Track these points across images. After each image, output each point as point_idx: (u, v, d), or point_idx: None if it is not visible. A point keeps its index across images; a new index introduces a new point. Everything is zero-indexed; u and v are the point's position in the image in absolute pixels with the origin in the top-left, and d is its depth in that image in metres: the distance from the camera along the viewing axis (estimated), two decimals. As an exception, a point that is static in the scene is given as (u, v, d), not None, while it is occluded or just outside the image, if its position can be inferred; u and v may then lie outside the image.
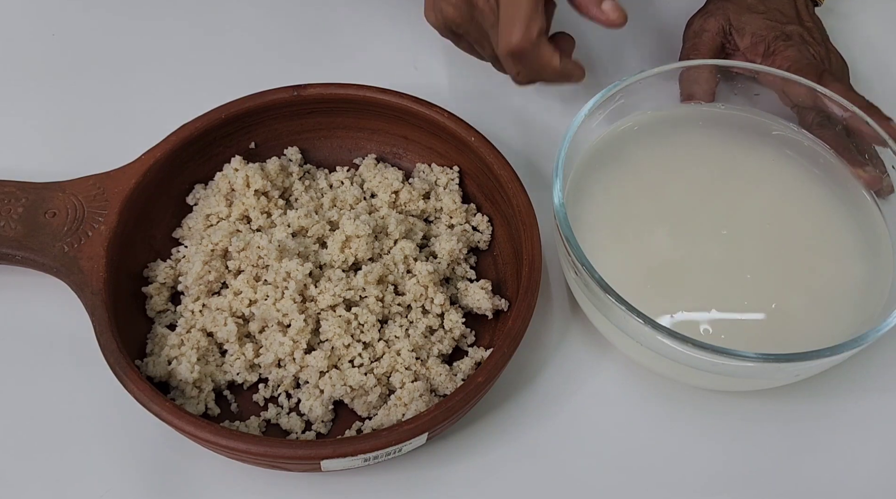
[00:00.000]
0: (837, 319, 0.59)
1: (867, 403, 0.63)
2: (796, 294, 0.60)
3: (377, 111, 0.68)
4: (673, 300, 0.59)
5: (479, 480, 0.60)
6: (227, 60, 0.76)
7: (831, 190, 0.64)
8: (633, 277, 0.60)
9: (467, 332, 0.63)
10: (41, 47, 0.77)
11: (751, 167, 0.65)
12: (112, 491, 0.59)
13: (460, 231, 0.66)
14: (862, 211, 0.64)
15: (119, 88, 0.75)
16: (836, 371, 0.63)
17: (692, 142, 0.66)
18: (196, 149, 0.66)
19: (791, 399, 0.63)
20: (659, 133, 0.66)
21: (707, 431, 0.62)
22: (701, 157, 0.66)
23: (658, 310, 0.59)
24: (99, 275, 0.61)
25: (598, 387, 0.63)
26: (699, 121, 0.67)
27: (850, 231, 0.63)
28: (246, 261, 0.63)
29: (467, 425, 0.61)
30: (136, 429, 0.61)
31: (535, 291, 0.60)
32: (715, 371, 0.57)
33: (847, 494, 0.60)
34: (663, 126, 0.67)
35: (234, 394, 0.62)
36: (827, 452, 0.61)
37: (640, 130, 0.66)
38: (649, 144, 0.66)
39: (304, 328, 0.61)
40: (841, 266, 0.61)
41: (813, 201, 0.64)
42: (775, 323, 0.59)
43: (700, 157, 0.66)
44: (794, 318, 0.59)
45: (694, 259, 0.61)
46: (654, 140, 0.66)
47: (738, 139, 0.66)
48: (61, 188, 0.64)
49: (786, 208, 0.64)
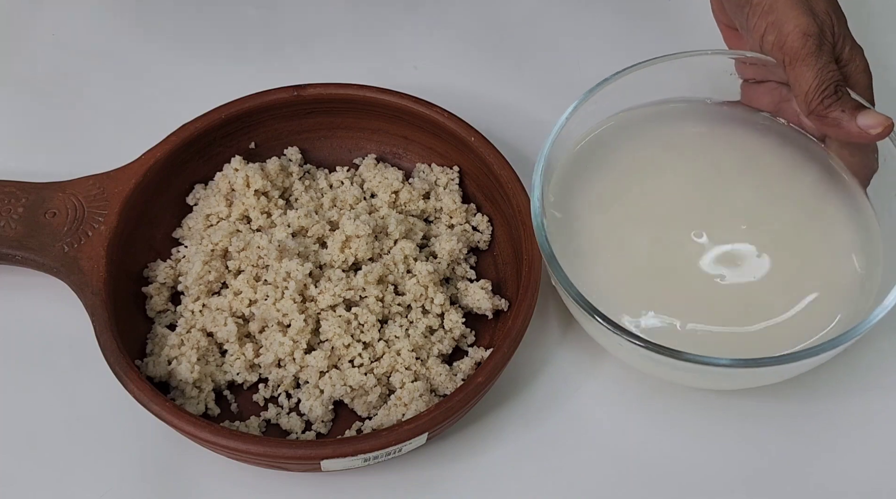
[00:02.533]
0: (828, 316, 0.59)
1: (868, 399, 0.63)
2: (786, 291, 0.60)
3: (377, 111, 0.68)
4: (661, 300, 0.59)
5: (479, 480, 0.60)
6: (227, 60, 0.76)
7: (821, 181, 0.63)
8: (619, 277, 0.60)
9: (467, 332, 0.63)
10: (41, 47, 0.77)
11: (738, 160, 0.64)
12: (112, 491, 0.59)
13: (460, 231, 0.66)
14: (853, 203, 0.63)
15: (119, 88, 0.75)
16: (836, 368, 0.63)
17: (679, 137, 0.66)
18: (196, 149, 0.66)
19: (790, 399, 0.63)
20: (644, 130, 0.66)
21: (707, 432, 0.62)
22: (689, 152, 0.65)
23: (646, 309, 0.59)
24: (99, 275, 0.61)
25: (597, 387, 0.63)
26: (688, 115, 0.66)
27: (841, 224, 0.62)
28: (246, 261, 0.63)
29: (467, 425, 0.61)
30: (136, 429, 0.61)
31: (535, 291, 0.60)
32: (701, 374, 0.57)
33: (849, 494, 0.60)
34: (649, 123, 0.66)
35: (234, 394, 0.62)
36: (830, 451, 0.61)
37: (625, 127, 0.65)
38: (636, 142, 0.65)
39: (304, 328, 0.61)
40: (833, 261, 0.61)
41: (802, 193, 0.63)
42: (763, 321, 0.59)
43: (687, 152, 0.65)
44: (783, 315, 0.59)
45: (680, 258, 0.61)
46: (640, 137, 0.65)
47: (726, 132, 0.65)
48: (61, 188, 0.64)
49: (775, 201, 0.63)
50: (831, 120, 0.59)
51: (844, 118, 0.59)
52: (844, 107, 0.59)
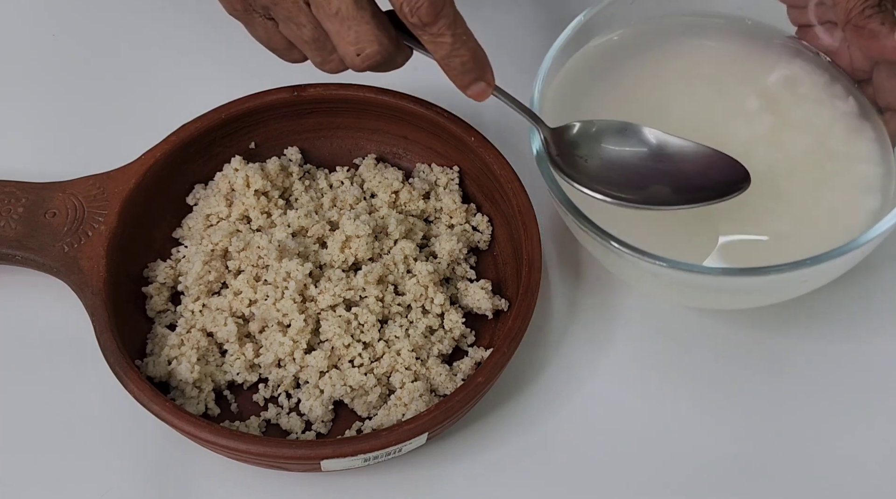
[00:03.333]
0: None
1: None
2: (797, 217, 0.59)
3: (377, 111, 0.68)
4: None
5: (479, 480, 0.60)
6: (227, 60, 0.76)
7: (851, 115, 0.62)
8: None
9: (467, 332, 0.63)
10: (41, 47, 0.77)
11: (752, 80, 0.63)
12: (112, 491, 0.59)
13: (460, 231, 0.66)
14: (880, 140, 0.61)
15: (119, 88, 0.75)
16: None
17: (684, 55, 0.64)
18: (196, 149, 0.66)
19: (796, 390, 0.63)
20: (647, 47, 0.64)
21: (710, 429, 0.62)
22: (694, 72, 0.64)
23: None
24: (99, 275, 0.61)
25: (598, 387, 0.63)
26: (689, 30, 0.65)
27: (863, 160, 0.60)
28: (246, 261, 0.63)
29: (467, 425, 0.61)
30: (136, 429, 0.61)
31: (535, 291, 0.60)
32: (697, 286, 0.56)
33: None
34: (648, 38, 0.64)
35: (234, 394, 0.62)
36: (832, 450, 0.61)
37: (624, 44, 0.64)
38: (638, 61, 0.64)
39: (304, 328, 0.61)
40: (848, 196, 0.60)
41: (819, 118, 0.61)
42: (778, 246, 0.58)
43: (693, 72, 0.64)
44: (794, 241, 0.58)
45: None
46: (643, 55, 0.64)
47: (736, 50, 0.64)
48: (61, 188, 0.64)
49: (791, 125, 0.62)
50: (868, 31, 0.57)
51: (884, 31, 0.56)
52: (885, 20, 0.56)
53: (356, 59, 0.56)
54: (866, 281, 0.66)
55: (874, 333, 0.65)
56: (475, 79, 0.58)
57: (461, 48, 0.56)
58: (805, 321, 0.65)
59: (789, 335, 0.65)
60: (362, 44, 0.55)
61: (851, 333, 0.65)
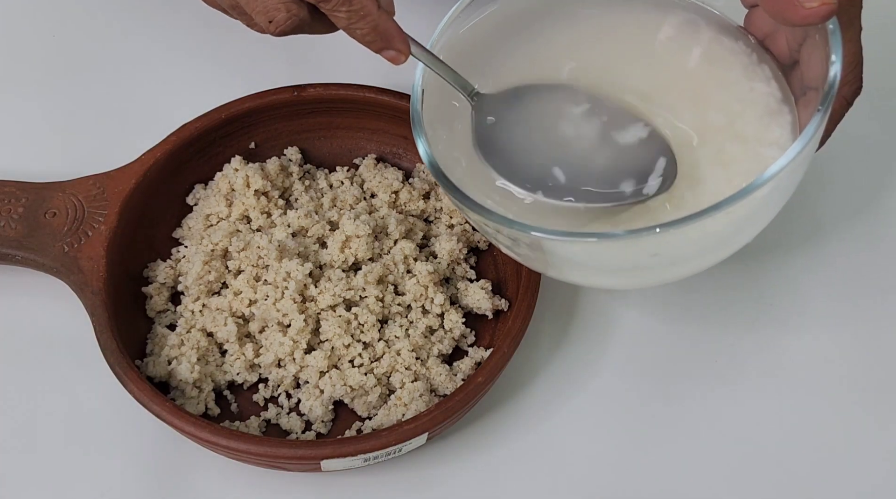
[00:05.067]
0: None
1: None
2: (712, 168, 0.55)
3: (377, 111, 0.68)
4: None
5: (479, 480, 0.60)
6: (227, 60, 0.76)
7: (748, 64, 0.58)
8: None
9: (467, 332, 0.63)
10: (41, 47, 0.77)
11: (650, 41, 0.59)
12: (112, 491, 0.59)
13: (460, 231, 0.66)
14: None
15: (119, 88, 0.75)
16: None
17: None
18: (196, 149, 0.66)
19: (795, 392, 0.63)
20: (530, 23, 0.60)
21: (710, 430, 0.62)
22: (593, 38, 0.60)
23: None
24: (99, 275, 0.61)
25: (598, 387, 0.63)
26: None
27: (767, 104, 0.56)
28: (246, 261, 0.63)
29: (467, 425, 0.61)
30: (136, 429, 0.61)
31: (535, 291, 0.60)
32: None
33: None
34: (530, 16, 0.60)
35: (234, 394, 0.62)
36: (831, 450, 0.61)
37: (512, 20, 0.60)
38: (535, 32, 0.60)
39: (304, 328, 0.61)
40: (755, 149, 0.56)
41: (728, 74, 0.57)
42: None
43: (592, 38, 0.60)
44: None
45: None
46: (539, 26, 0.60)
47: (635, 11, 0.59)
48: (61, 188, 0.64)
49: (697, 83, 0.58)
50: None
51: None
52: None
53: (270, 27, 0.57)
54: (867, 282, 0.66)
55: (874, 333, 0.65)
56: (381, 48, 0.58)
57: (358, 22, 0.57)
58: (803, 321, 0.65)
59: (787, 337, 0.65)
60: (271, 12, 0.56)
61: (850, 337, 0.65)
